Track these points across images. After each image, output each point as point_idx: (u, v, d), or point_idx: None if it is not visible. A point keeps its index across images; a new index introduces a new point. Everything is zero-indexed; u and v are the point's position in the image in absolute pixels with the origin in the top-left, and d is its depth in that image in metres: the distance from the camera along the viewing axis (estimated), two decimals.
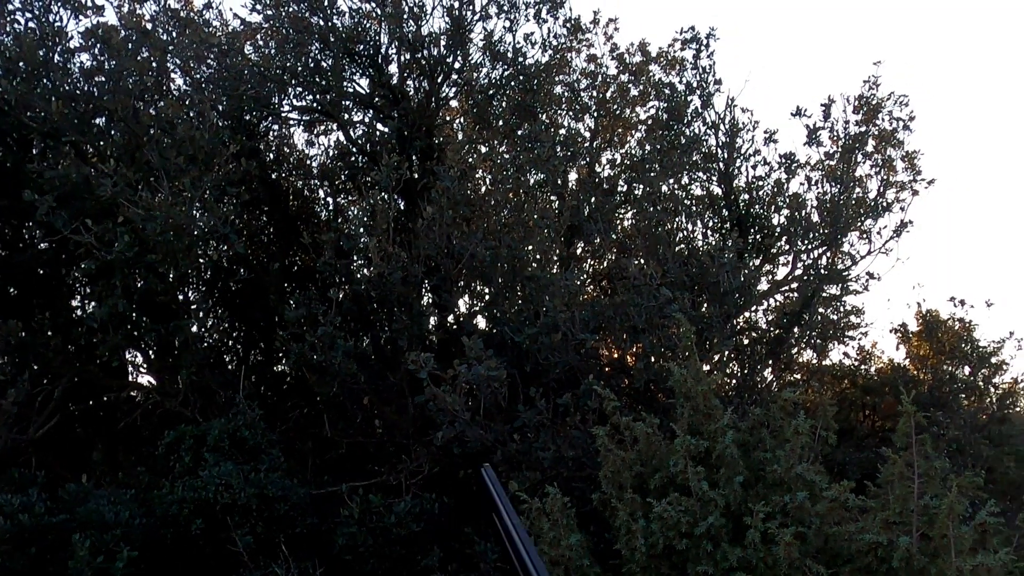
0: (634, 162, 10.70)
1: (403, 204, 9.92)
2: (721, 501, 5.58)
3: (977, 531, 5.14)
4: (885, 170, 11.00)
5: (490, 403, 7.93)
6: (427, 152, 9.79)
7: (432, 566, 8.05)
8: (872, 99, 10.81)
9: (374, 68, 9.91)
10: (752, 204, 11.06)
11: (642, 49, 11.42)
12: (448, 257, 8.68)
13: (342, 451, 9.74)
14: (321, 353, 8.46)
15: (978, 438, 12.50)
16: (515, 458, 8.01)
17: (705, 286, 8.88)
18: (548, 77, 10.43)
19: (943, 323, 13.01)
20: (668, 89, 10.97)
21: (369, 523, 8.03)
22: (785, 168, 10.72)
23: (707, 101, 10.87)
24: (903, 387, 7.82)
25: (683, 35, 10.98)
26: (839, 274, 10.77)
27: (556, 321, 7.99)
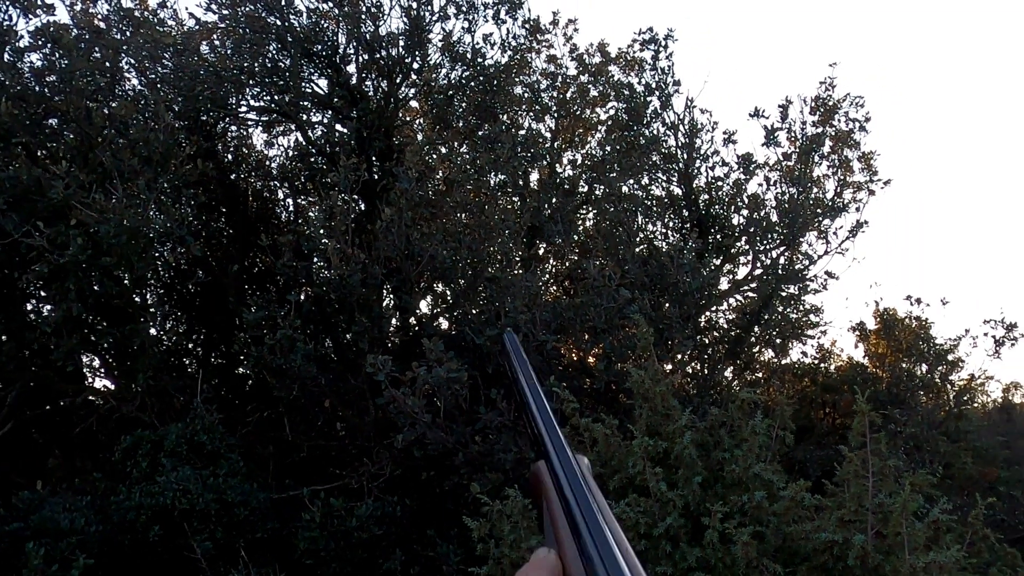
0: (594, 163, 10.72)
1: (363, 205, 9.85)
2: (680, 502, 5.60)
3: (931, 528, 5.20)
4: (842, 171, 11.13)
5: (451, 405, 7.91)
6: (386, 153, 9.73)
7: (394, 569, 8.02)
8: (829, 100, 10.93)
9: (332, 68, 9.84)
10: (712, 204, 11.14)
11: (602, 50, 11.46)
12: (408, 259, 8.64)
13: (303, 454, 9.66)
14: (281, 356, 8.38)
15: (936, 435, 12.68)
16: (476, 460, 7.99)
17: (665, 286, 8.92)
18: (508, 78, 10.42)
19: (900, 321, 13.20)
20: (627, 90, 10.99)
21: (330, 527, 7.98)
22: (743, 169, 10.80)
23: (666, 102, 10.90)
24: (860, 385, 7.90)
25: (642, 36, 11.00)
26: (797, 274, 10.87)
27: (517, 322, 7.98)
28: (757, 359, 12.05)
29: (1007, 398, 24.14)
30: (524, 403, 0.92)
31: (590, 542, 0.65)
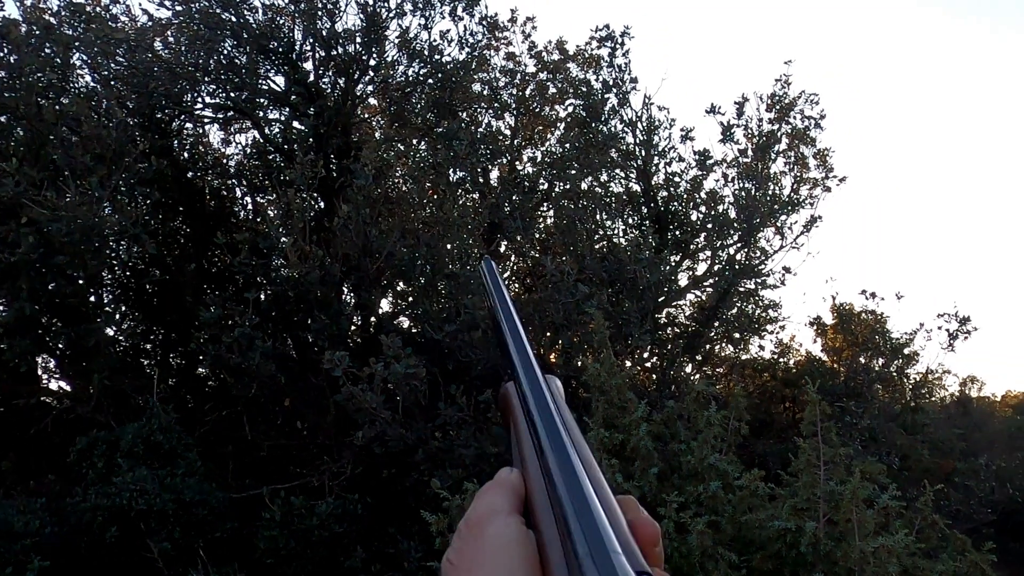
0: (554, 160, 10.75)
1: (321, 203, 9.80)
2: (636, 492, 5.64)
3: (881, 515, 5.30)
4: (799, 167, 11.26)
5: (410, 401, 7.91)
6: (344, 150, 9.69)
7: (355, 567, 8.00)
8: (785, 98, 11.05)
9: (289, 65, 9.76)
10: (670, 201, 11.21)
11: (560, 47, 11.49)
12: (366, 256, 8.62)
13: (263, 453, 9.60)
14: (239, 354, 8.33)
15: (892, 427, 12.89)
16: (437, 456, 8.00)
17: (623, 282, 8.97)
18: (466, 75, 10.39)
19: (856, 316, 13.38)
20: (585, 87, 11.03)
21: (291, 526, 7.95)
22: (700, 165, 10.88)
23: (624, 99, 10.95)
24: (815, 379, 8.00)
25: (599, 33, 11.04)
26: (754, 269, 10.98)
27: (476, 318, 7.99)
28: (716, 354, 12.16)
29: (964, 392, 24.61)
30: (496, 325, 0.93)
31: (552, 459, 0.64)
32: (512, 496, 0.69)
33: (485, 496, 0.71)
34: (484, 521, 0.66)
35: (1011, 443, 24.62)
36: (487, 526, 0.65)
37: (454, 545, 0.67)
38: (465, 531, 0.67)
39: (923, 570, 5.32)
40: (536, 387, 0.75)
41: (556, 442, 0.66)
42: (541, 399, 0.73)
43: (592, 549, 0.53)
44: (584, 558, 0.53)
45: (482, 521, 0.66)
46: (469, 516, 0.68)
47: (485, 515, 0.67)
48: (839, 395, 11.70)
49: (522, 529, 0.64)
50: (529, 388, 0.76)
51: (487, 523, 0.66)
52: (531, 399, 0.75)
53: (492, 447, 7.78)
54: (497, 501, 0.68)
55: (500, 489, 0.71)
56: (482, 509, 0.68)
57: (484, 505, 0.69)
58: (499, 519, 0.66)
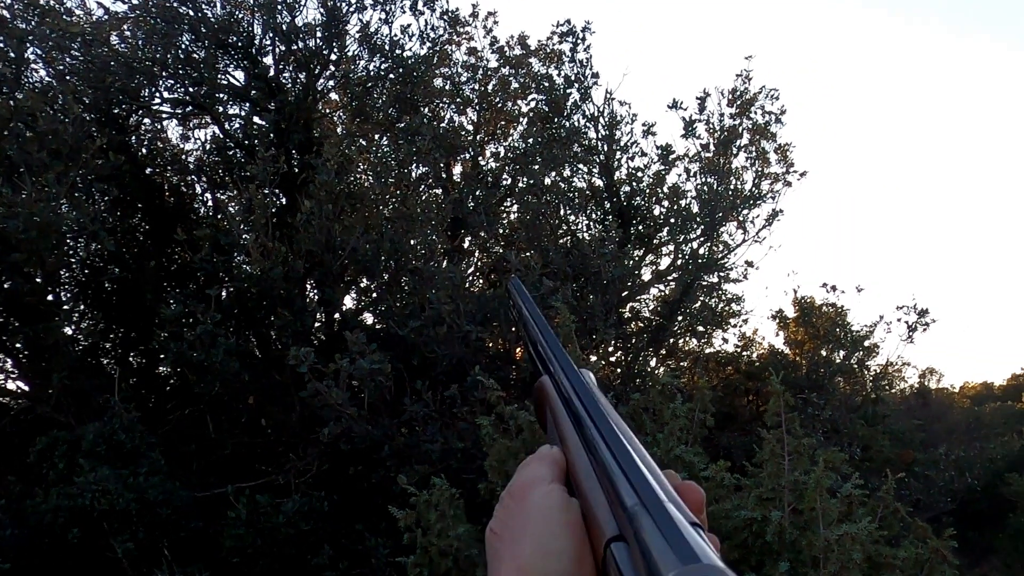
0: (517, 155, 10.75)
1: (284, 199, 9.73)
2: None
3: (844, 503, 5.38)
4: (760, 162, 11.36)
5: (376, 397, 7.89)
6: (306, 145, 9.61)
7: (323, 564, 7.97)
8: (745, 93, 11.14)
9: (248, 60, 9.66)
10: (633, 196, 11.26)
11: (522, 42, 11.48)
12: (329, 252, 8.57)
13: (227, 452, 9.52)
14: (201, 352, 8.24)
15: (853, 418, 13.08)
16: (403, 452, 7.99)
17: (588, 276, 9.00)
18: (428, 70, 10.35)
19: (817, 309, 13.55)
20: (547, 82, 11.03)
21: (257, 524, 7.90)
22: (662, 160, 10.94)
23: (586, 94, 10.98)
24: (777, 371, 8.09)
25: (560, 28, 11.06)
26: (716, 263, 11.08)
27: (441, 313, 7.98)
28: (681, 348, 12.26)
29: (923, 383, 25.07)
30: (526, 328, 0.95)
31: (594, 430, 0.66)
32: (554, 467, 0.70)
33: (528, 467, 0.72)
34: (527, 489, 0.68)
35: (969, 433, 25.15)
36: (530, 494, 0.67)
37: (497, 515, 0.68)
38: (508, 500, 0.68)
39: (886, 557, 5.41)
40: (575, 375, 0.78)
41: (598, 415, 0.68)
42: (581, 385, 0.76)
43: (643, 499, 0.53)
44: (635, 508, 0.53)
45: (525, 489, 0.68)
46: (512, 486, 0.69)
47: (528, 483, 0.68)
48: (801, 387, 11.84)
49: (565, 496, 0.66)
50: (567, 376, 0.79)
51: (530, 491, 0.67)
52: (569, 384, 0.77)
53: (458, 442, 7.79)
54: (540, 470, 0.70)
55: (542, 461, 0.72)
56: (525, 478, 0.70)
57: (527, 474, 0.70)
58: (542, 487, 0.67)
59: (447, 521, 6.07)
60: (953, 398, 35.04)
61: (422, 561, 6.04)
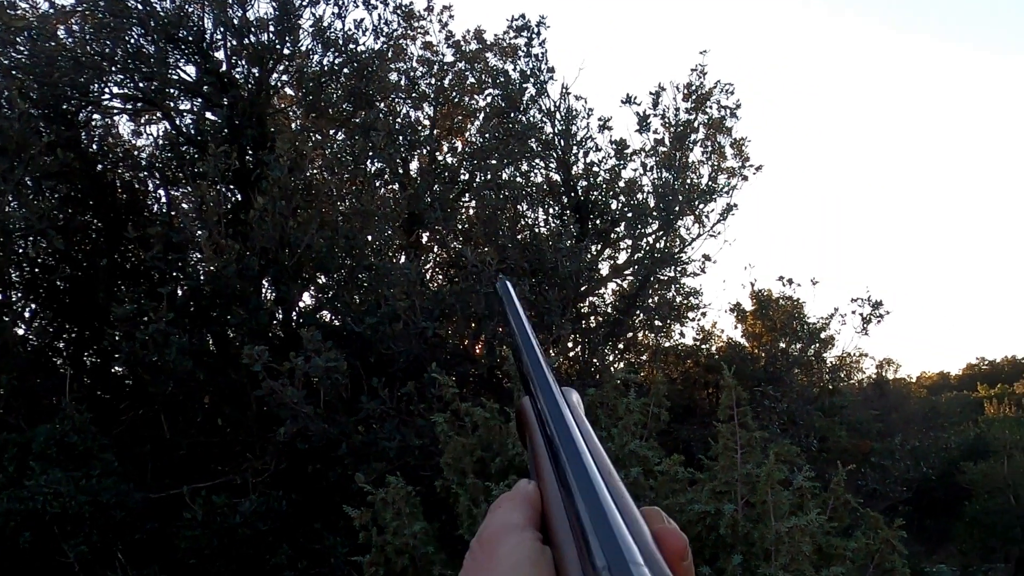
0: (474, 150, 10.71)
1: (238, 195, 9.60)
2: None
3: (796, 495, 5.43)
4: (716, 156, 11.43)
5: (332, 395, 7.83)
6: (260, 141, 9.48)
7: (281, 564, 7.91)
8: (701, 88, 11.19)
9: (200, 54, 9.52)
10: (590, 190, 11.27)
11: (478, 37, 11.44)
12: (284, 248, 8.48)
13: (183, 452, 9.40)
14: (154, 351, 8.12)
15: (811, 410, 13.23)
16: (361, 450, 7.94)
17: (545, 272, 9.01)
18: (382, 65, 10.27)
19: (775, 302, 13.69)
20: (503, 77, 11.02)
21: (213, 525, 7.82)
22: (617, 154, 10.96)
23: (542, 88, 10.97)
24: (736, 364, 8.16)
25: (515, 23, 11.05)
26: (673, 257, 11.13)
27: (397, 310, 7.94)
28: (640, 342, 12.31)
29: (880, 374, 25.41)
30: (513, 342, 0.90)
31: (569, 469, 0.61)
32: (528, 509, 0.66)
33: (499, 511, 0.67)
34: (497, 538, 0.63)
35: (926, 423, 25.54)
36: (500, 544, 0.62)
37: (466, 566, 0.63)
38: (477, 549, 0.63)
39: (837, 548, 5.47)
40: (551, 399, 0.73)
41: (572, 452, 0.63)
42: (556, 411, 0.71)
43: (611, 562, 0.49)
44: (603, 571, 0.49)
45: (495, 538, 0.63)
46: (482, 533, 0.64)
47: (498, 532, 0.63)
48: (759, 380, 11.95)
49: (537, 546, 0.61)
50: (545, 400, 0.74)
51: (500, 541, 0.62)
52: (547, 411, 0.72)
53: (416, 439, 7.76)
54: (512, 516, 0.65)
55: (514, 502, 0.67)
56: (495, 525, 0.65)
57: (497, 520, 0.65)
58: (513, 536, 0.62)
59: (403, 519, 6.04)
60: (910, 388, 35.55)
61: (378, 560, 6.01)
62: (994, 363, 51.50)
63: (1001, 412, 29.96)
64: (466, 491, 5.91)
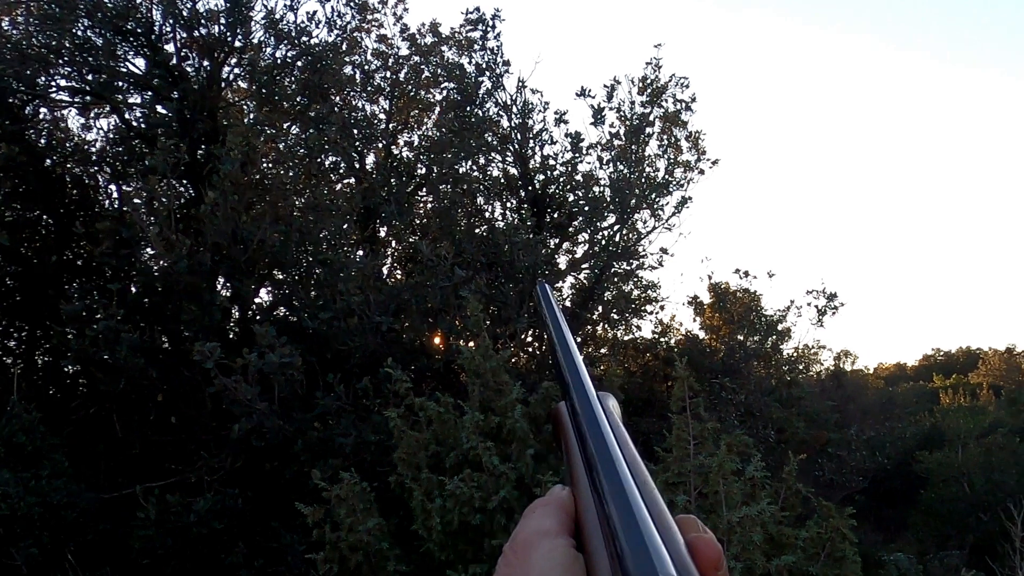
0: (431, 144, 10.65)
1: (191, 190, 9.46)
2: (513, 475, 5.66)
3: (748, 485, 5.46)
4: (672, 150, 11.47)
5: (287, 392, 7.75)
6: (212, 135, 9.35)
7: (237, 563, 7.82)
8: (656, 81, 11.22)
9: (149, 47, 9.36)
10: (548, 184, 11.26)
11: (434, 30, 11.35)
12: (237, 244, 8.37)
13: (136, 451, 9.26)
14: (105, 348, 7.98)
15: (768, 401, 13.35)
16: (317, 446, 7.87)
17: (501, 266, 8.98)
18: (336, 58, 10.16)
19: (732, 294, 13.79)
20: (459, 70, 10.98)
21: (167, 524, 7.70)
22: (573, 148, 10.95)
23: (498, 82, 10.94)
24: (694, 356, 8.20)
25: (470, 16, 11.00)
26: (629, 250, 11.16)
27: (351, 305, 7.87)
28: (600, 336, 12.33)
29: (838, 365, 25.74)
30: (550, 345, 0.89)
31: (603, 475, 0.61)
32: (561, 515, 0.65)
33: (532, 516, 0.67)
34: (530, 544, 0.63)
35: (883, 413, 25.93)
36: (533, 550, 0.62)
37: (499, 570, 0.63)
38: (510, 555, 0.63)
39: (788, 537, 5.52)
40: (587, 404, 0.72)
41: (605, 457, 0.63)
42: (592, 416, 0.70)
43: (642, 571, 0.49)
44: None
45: (528, 544, 0.63)
46: (515, 538, 0.64)
47: (531, 538, 0.63)
48: (717, 372, 12.03)
49: (570, 552, 0.61)
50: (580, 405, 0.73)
51: (533, 547, 0.62)
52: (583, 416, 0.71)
53: (372, 435, 7.70)
54: (545, 522, 0.64)
55: (548, 508, 0.66)
56: (528, 531, 0.64)
57: (531, 526, 0.65)
58: (546, 542, 0.62)
59: (357, 516, 5.99)
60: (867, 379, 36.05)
61: (332, 557, 5.96)
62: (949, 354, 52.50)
63: (956, 402, 30.48)
64: (420, 486, 5.88)
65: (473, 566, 5.55)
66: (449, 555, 5.70)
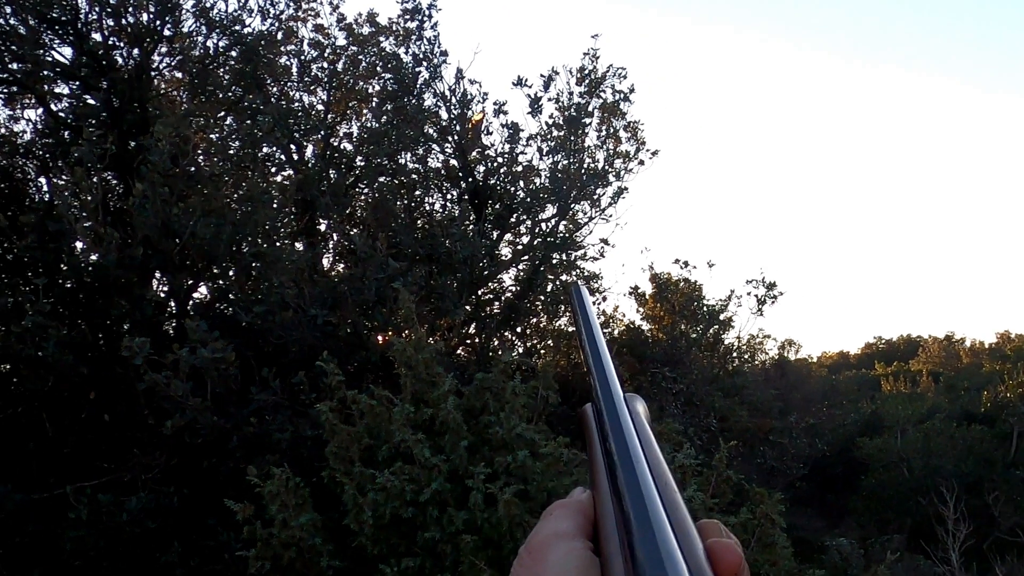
0: (370, 135, 10.55)
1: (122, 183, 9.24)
2: (445, 467, 5.64)
3: (678, 473, 5.50)
4: (612, 141, 11.51)
5: (221, 387, 7.63)
6: (142, 125, 9.13)
7: (172, 562, 7.70)
8: (594, 72, 11.24)
9: (76, 36, 9.12)
10: (488, 176, 11.23)
11: (371, 20, 11.22)
12: (169, 237, 8.20)
13: (67, 450, 9.05)
14: (31, 345, 7.78)
15: (710, 390, 13.51)
16: (253, 442, 7.77)
17: (439, 258, 8.94)
18: (272, 47, 10.00)
19: (674, 284, 13.93)
20: (395, 61, 10.87)
21: (99, 524, 7.55)
22: (510, 138, 10.94)
23: (435, 72, 10.88)
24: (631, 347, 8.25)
25: (406, 5, 10.89)
26: (568, 241, 11.19)
27: (285, 298, 7.77)
28: (544, 327, 12.35)
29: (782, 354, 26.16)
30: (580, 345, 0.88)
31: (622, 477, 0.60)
32: (579, 518, 0.64)
33: (550, 518, 0.66)
34: (546, 546, 0.61)
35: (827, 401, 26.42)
36: (549, 552, 0.61)
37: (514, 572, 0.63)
38: (526, 557, 0.62)
39: None
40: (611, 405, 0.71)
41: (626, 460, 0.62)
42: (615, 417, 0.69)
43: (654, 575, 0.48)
44: None
45: (544, 546, 0.62)
46: (531, 540, 0.63)
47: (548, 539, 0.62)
48: (659, 362, 12.13)
49: (586, 556, 0.59)
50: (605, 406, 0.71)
51: (549, 549, 0.61)
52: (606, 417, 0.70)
53: (309, 430, 7.62)
54: (563, 525, 0.63)
55: (566, 510, 0.65)
56: (545, 533, 0.63)
57: (548, 528, 0.64)
58: (562, 545, 0.61)
59: (289, 511, 5.92)
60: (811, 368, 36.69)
61: (264, 554, 5.88)
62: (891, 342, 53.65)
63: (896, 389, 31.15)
64: (352, 480, 5.84)
65: (406, 559, 5.52)
66: (382, 549, 5.67)
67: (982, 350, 44.05)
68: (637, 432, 0.67)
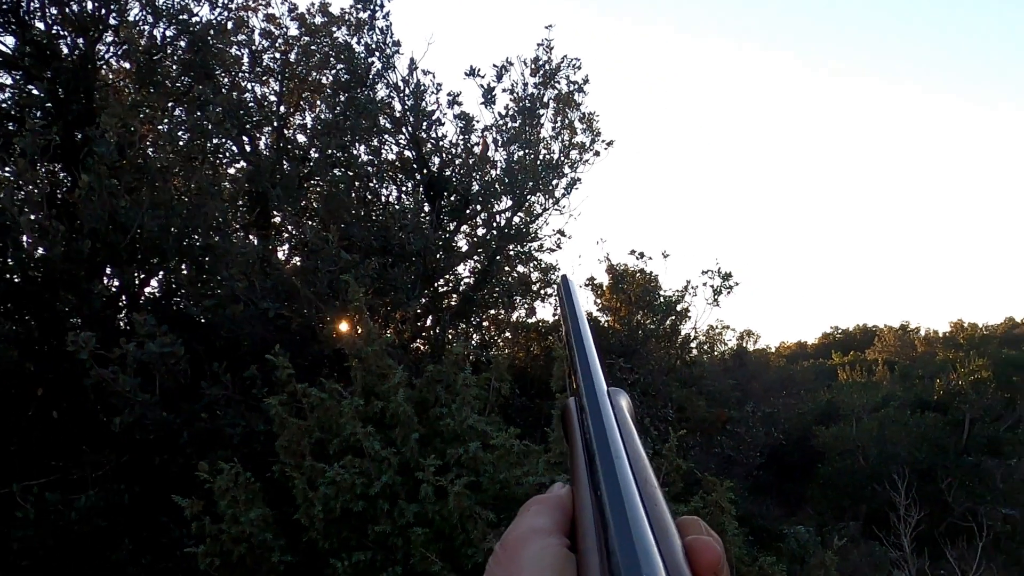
0: (323, 126, 10.45)
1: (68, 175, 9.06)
2: (395, 460, 5.61)
3: None
4: (567, 132, 11.51)
5: (170, 382, 7.52)
6: (88, 116, 8.96)
7: (122, 560, 7.59)
8: (549, 63, 11.24)
9: (19, 24, 8.91)
10: (444, 167, 11.17)
11: (324, 10, 11.12)
12: (116, 230, 8.06)
13: (14, 448, 8.88)
14: None
15: (667, 380, 13.59)
16: (204, 438, 7.67)
17: (391, 249, 8.88)
18: (221, 37, 9.85)
19: (630, 275, 13.98)
20: (348, 51, 10.76)
21: (47, 523, 7.42)
22: (463, 129, 10.89)
23: (388, 63, 10.79)
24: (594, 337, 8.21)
25: None
26: (523, 232, 11.18)
27: (235, 291, 7.68)
28: (500, 319, 12.34)
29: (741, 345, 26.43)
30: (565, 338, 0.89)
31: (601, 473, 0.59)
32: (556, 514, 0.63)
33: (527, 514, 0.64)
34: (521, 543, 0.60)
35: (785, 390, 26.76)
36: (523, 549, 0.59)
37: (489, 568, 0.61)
38: (501, 553, 0.61)
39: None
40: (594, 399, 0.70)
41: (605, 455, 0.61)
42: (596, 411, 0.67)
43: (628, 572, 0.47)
44: None
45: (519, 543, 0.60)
46: (507, 536, 0.62)
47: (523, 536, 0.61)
48: (615, 353, 12.17)
49: (562, 552, 0.58)
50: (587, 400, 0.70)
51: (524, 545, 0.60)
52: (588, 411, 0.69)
53: (261, 425, 7.54)
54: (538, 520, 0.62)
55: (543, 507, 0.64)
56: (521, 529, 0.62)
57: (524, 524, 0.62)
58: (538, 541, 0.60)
59: (239, 507, 5.86)
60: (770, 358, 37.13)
61: (214, 550, 5.81)
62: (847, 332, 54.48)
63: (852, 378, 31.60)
64: (303, 473, 5.79)
65: (357, 553, 5.48)
66: (333, 543, 5.63)
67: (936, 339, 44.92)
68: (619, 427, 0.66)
